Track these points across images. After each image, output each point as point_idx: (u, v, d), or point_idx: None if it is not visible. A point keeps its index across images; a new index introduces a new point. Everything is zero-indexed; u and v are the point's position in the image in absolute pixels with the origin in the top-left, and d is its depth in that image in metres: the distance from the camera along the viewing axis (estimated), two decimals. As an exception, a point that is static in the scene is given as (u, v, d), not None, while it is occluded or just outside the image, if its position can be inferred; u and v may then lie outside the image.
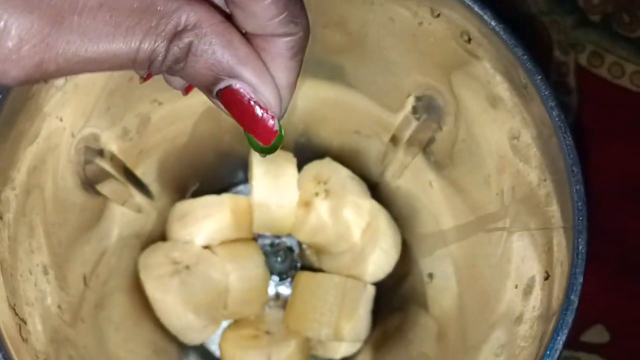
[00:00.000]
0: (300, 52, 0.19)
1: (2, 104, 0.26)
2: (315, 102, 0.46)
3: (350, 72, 0.41)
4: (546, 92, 0.27)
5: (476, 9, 0.28)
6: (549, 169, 0.28)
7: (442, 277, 0.42)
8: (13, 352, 0.23)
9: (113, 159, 0.38)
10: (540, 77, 0.27)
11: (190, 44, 0.17)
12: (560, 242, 0.27)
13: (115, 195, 0.39)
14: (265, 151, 0.21)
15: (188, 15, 0.17)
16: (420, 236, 0.45)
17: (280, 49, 0.18)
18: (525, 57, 0.27)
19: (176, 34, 0.17)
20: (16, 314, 0.26)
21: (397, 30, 0.33)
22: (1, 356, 0.23)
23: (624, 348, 0.53)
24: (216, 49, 0.18)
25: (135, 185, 0.42)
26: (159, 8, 0.17)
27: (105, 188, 0.37)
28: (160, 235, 0.46)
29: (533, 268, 0.29)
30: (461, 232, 0.39)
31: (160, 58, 0.17)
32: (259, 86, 0.18)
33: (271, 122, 0.18)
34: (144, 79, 0.21)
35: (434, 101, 0.37)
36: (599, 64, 0.61)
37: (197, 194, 0.47)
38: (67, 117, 0.31)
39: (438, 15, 0.30)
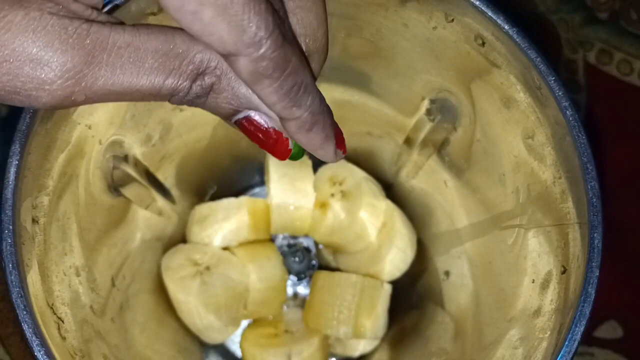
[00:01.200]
0: (312, 125, 0.19)
1: (35, 115, 0.27)
2: (329, 104, 0.47)
3: (365, 76, 0.42)
4: (560, 93, 0.27)
5: (489, 13, 0.29)
6: (563, 167, 0.29)
7: (457, 275, 0.43)
8: (54, 350, 0.25)
9: (137, 164, 0.39)
10: (554, 78, 0.28)
11: (212, 84, 0.18)
12: (575, 237, 0.28)
13: (138, 199, 0.40)
14: (292, 157, 0.22)
15: (210, 58, 0.18)
16: (436, 235, 0.46)
17: (290, 128, 0.19)
18: (538, 59, 0.28)
19: (198, 75, 0.18)
20: (54, 313, 0.27)
21: (411, 35, 0.34)
22: (43, 353, 0.24)
23: (637, 343, 0.53)
24: (235, 86, 0.19)
25: (157, 189, 0.43)
26: (180, 51, 0.18)
27: (129, 192, 0.39)
28: (181, 237, 0.47)
29: (549, 263, 0.30)
30: (476, 230, 0.40)
31: (182, 94, 0.18)
32: (273, 115, 0.19)
33: (286, 142, 0.20)
34: None
35: (448, 103, 0.38)
36: (607, 62, 0.61)
37: (215, 197, 0.47)
38: (95, 125, 0.32)
39: (452, 20, 0.31)
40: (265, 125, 0.20)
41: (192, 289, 0.45)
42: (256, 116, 0.20)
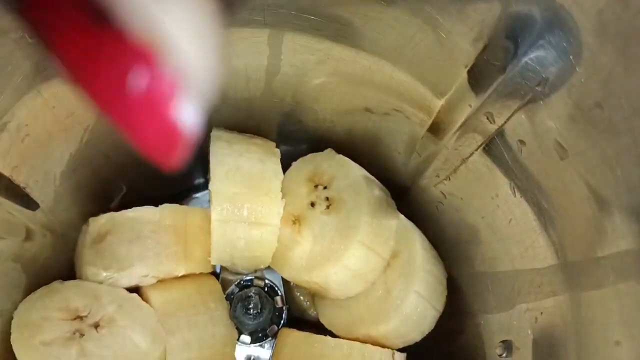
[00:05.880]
0: None
1: None
2: (308, 67, 0.30)
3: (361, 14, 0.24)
4: None
5: None
6: None
7: (525, 347, 0.25)
8: None
9: None
10: None
11: None
12: None
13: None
14: None
15: None
16: (484, 275, 0.28)
17: None
18: None
19: None
20: None
21: None
22: None
23: None
24: None
25: (0, 192, 0.24)
26: None
27: None
28: (64, 270, 0.31)
29: None
30: (579, 276, 0.21)
31: None
32: None
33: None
34: None
35: (541, 33, 0.20)
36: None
37: (125, 204, 0.32)
38: None
39: None
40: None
41: (63, 365, 0.26)
42: None
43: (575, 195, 0.22)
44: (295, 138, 0.35)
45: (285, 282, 0.34)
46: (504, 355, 0.26)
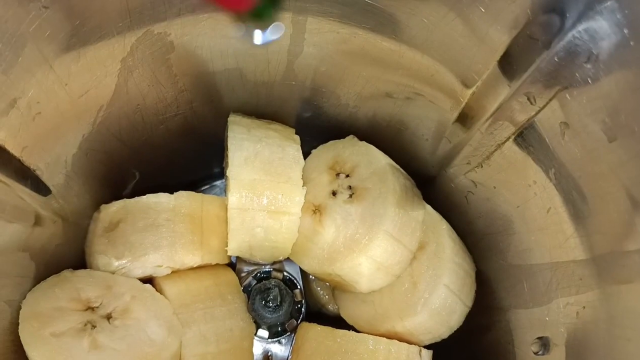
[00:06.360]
0: None
1: None
2: (332, 48, 0.28)
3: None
4: None
5: None
6: None
7: (561, 344, 0.23)
8: None
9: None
10: None
11: None
12: None
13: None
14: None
15: None
16: (517, 268, 0.26)
17: None
18: None
19: None
20: None
21: None
22: None
23: None
24: None
25: (10, 173, 0.23)
26: None
27: None
28: (75, 260, 0.29)
29: None
30: (618, 268, 0.20)
31: None
32: None
33: None
34: None
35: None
36: None
37: (138, 191, 0.30)
38: None
39: None
40: None
41: (74, 357, 0.24)
42: None
43: (616, 182, 0.20)
44: (314, 125, 0.33)
45: (303, 276, 0.33)
46: (540, 352, 0.24)
